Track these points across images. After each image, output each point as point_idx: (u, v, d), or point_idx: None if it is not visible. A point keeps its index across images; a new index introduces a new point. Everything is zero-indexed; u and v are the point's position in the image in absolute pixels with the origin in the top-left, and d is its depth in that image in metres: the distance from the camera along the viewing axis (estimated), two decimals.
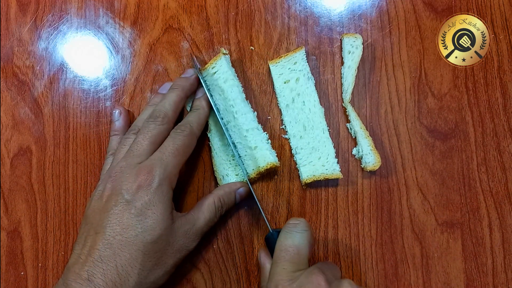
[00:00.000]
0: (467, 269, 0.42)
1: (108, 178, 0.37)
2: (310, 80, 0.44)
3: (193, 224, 0.38)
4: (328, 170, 0.42)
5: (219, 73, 0.44)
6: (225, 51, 0.45)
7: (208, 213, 0.39)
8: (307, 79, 0.44)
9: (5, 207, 0.45)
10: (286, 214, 0.43)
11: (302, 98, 0.44)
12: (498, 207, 0.42)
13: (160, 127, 0.39)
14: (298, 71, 0.44)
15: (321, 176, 0.42)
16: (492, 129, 0.43)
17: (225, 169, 0.43)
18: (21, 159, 0.46)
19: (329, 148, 0.43)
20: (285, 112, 0.44)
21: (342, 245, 0.43)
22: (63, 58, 0.47)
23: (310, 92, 0.44)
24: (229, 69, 0.44)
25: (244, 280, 0.43)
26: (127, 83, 0.46)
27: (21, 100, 0.47)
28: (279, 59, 0.45)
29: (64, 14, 0.48)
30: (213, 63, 0.44)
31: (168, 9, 0.47)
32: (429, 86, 0.44)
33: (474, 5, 0.45)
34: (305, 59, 0.44)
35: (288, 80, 0.44)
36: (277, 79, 0.45)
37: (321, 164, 0.42)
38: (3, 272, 0.45)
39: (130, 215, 0.35)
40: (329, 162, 0.42)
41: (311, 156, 0.43)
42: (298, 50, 0.44)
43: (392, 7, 0.46)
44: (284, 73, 0.44)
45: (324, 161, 0.42)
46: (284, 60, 0.44)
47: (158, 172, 0.36)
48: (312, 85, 0.44)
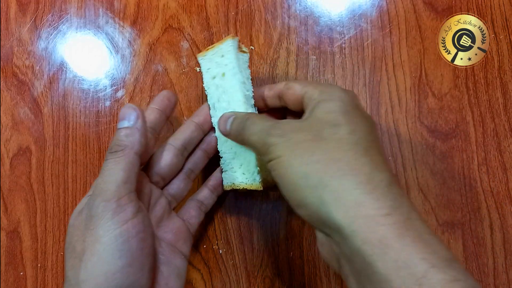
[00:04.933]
0: (468, 269, 0.42)
1: None
2: (236, 77, 0.36)
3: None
4: (248, 179, 0.37)
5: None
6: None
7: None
8: (233, 74, 0.37)
9: (4, 207, 0.45)
10: (286, 214, 0.43)
11: (228, 97, 0.37)
12: (499, 207, 0.42)
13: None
14: (223, 65, 0.37)
15: (241, 185, 0.37)
16: (493, 129, 0.43)
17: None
18: (20, 159, 0.46)
19: (251, 155, 0.36)
20: (212, 112, 0.39)
21: None
22: (62, 58, 0.47)
23: (235, 90, 0.36)
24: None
25: (244, 280, 0.43)
26: (127, 83, 0.46)
27: (20, 100, 0.47)
28: (206, 51, 0.38)
29: (64, 14, 0.48)
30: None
31: (168, 8, 0.47)
32: (430, 86, 0.44)
33: (474, 5, 0.45)
34: (233, 51, 0.37)
35: (214, 76, 0.38)
36: (205, 74, 0.39)
37: (242, 172, 0.37)
38: (2, 272, 0.44)
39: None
40: (250, 171, 0.37)
41: (233, 162, 0.38)
42: (224, 41, 0.37)
43: (392, 6, 0.46)
44: (211, 67, 0.38)
45: (245, 169, 0.37)
46: (211, 52, 0.38)
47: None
48: (238, 83, 0.36)
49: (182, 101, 0.46)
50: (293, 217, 0.43)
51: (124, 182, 0.30)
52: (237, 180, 0.37)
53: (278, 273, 0.42)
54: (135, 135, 0.31)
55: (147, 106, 0.45)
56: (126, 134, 0.31)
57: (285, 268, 0.42)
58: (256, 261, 0.43)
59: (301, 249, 0.43)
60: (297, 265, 0.42)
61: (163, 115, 0.37)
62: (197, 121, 0.39)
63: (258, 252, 0.43)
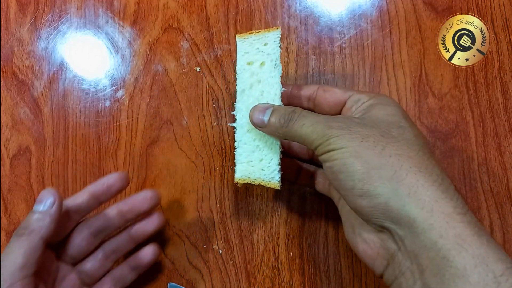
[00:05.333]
0: None
1: None
2: (277, 69, 0.37)
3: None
4: (267, 176, 0.36)
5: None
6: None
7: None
8: (273, 66, 0.37)
9: (4, 207, 0.45)
10: (286, 214, 0.43)
11: (262, 87, 0.37)
12: (499, 207, 0.42)
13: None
14: (266, 54, 0.37)
15: (257, 180, 0.36)
16: (493, 129, 0.43)
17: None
18: (20, 159, 0.46)
19: (275, 152, 0.36)
20: (239, 98, 0.37)
21: (342, 245, 0.42)
22: (62, 58, 0.47)
23: (273, 82, 0.36)
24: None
25: (244, 281, 0.42)
26: (127, 83, 0.46)
27: (20, 100, 0.47)
28: (248, 34, 0.37)
29: (63, 14, 0.48)
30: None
31: (168, 8, 0.47)
32: (430, 86, 0.44)
33: (474, 5, 0.45)
34: (278, 42, 0.37)
35: (252, 62, 0.37)
36: (241, 58, 0.37)
37: (261, 168, 0.36)
38: None
39: None
40: (270, 168, 0.36)
41: (253, 155, 0.37)
42: (273, 30, 0.37)
43: (392, 6, 0.46)
44: (250, 52, 0.37)
45: (266, 165, 0.36)
46: (254, 37, 0.37)
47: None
48: (278, 76, 0.36)
49: (182, 101, 0.46)
50: (293, 217, 0.43)
51: (21, 267, 0.30)
52: (254, 175, 0.36)
53: (278, 273, 0.42)
54: (45, 221, 0.32)
55: (146, 106, 0.46)
56: (37, 219, 0.32)
57: (285, 268, 0.42)
58: (256, 261, 0.43)
59: (301, 249, 0.43)
60: (297, 265, 0.42)
61: (95, 200, 0.37)
62: (121, 208, 0.38)
63: (258, 252, 0.43)
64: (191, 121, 0.45)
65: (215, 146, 0.45)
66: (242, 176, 0.37)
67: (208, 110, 0.45)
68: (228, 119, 0.45)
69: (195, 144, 0.45)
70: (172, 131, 0.45)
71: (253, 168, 0.36)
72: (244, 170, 0.37)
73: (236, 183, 0.37)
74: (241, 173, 0.37)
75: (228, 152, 0.45)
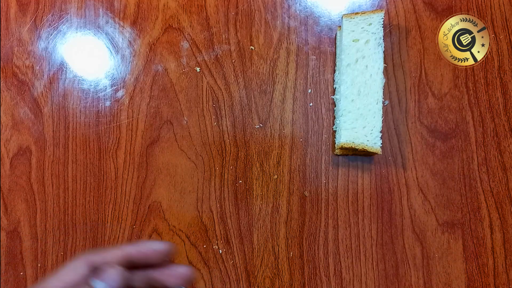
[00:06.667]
0: (468, 269, 0.42)
1: None
2: (380, 47, 0.42)
3: None
4: (370, 142, 0.41)
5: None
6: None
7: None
8: (377, 44, 0.42)
9: (4, 207, 0.45)
10: (286, 214, 0.43)
11: (366, 61, 0.42)
12: (499, 207, 0.42)
13: None
14: (370, 33, 0.42)
15: (361, 145, 0.41)
16: (493, 129, 0.43)
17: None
18: (20, 159, 0.46)
19: (378, 120, 0.41)
20: (344, 71, 0.42)
21: (342, 245, 0.42)
22: (62, 58, 0.47)
23: (376, 58, 0.42)
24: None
25: (243, 280, 0.43)
26: (127, 83, 0.46)
27: (20, 100, 0.47)
28: (355, 14, 0.43)
29: (64, 14, 0.48)
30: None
31: (168, 9, 0.47)
32: (430, 86, 0.44)
33: (474, 5, 0.45)
34: (381, 23, 0.42)
35: (357, 39, 0.42)
36: (347, 35, 0.43)
37: (364, 134, 0.41)
38: (2, 272, 0.44)
39: None
40: (373, 135, 0.41)
41: (357, 122, 0.41)
42: (377, 12, 0.42)
43: (392, 7, 0.46)
44: (356, 30, 0.43)
45: (368, 131, 0.41)
46: (359, 17, 0.43)
47: None
48: (381, 52, 0.42)
49: (182, 101, 0.46)
50: (293, 217, 0.43)
51: None
52: (359, 140, 0.41)
53: (278, 273, 0.43)
54: None
55: (147, 106, 0.46)
56: None
57: (285, 268, 0.42)
58: (256, 261, 0.43)
59: (301, 249, 0.43)
60: (297, 265, 0.43)
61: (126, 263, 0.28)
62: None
63: (258, 252, 0.43)
64: (191, 121, 0.45)
65: (215, 146, 0.45)
66: (347, 141, 0.41)
67: (208, 110, 0.45)
68: (228, 119, 0.45)
69: (195, 144, 0.45)
70: (172, 131, 0.45)
71: (357, 134, 0.41)
72: (348, 135, 0.41)
73: (335, 152, 0.43)
74: (346, 138, 0.41)
75: (228, 152, 0.45)
